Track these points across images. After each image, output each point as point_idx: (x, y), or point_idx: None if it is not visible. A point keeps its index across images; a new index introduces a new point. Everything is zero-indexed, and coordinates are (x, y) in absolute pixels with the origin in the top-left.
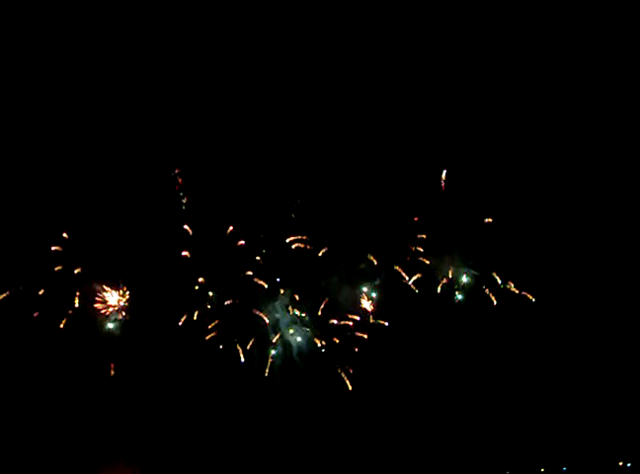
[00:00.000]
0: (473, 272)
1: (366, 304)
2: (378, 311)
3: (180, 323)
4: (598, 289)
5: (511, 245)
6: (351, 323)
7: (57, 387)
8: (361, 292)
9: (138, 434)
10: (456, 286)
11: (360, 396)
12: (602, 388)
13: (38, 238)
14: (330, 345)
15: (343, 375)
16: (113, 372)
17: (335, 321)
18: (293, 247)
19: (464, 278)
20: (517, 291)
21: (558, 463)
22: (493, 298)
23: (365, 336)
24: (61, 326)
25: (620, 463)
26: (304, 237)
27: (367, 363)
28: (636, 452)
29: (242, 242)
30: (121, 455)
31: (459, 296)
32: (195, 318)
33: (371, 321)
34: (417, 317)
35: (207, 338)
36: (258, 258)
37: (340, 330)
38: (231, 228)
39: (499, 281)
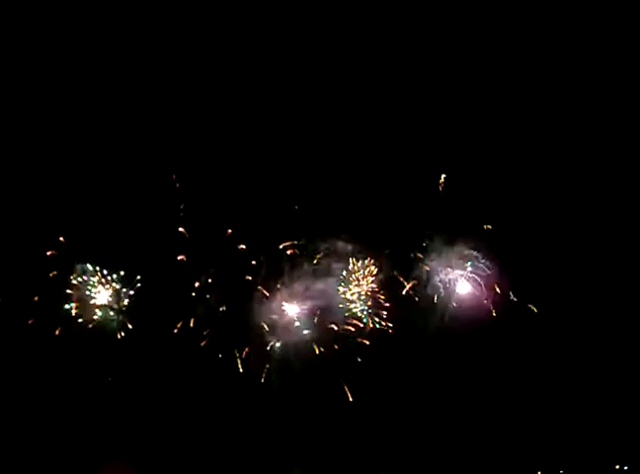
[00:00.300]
0: (472, 278)
1: (365, 311)
2: (376, 318)
3: (175, 330)
4: (601, 298)
5: (511, 252)
6: (353, 328)
7: (54, 392)
8: (359, 298)
9: (134, 442)
10: (454, 294)
11: (360, 406)
12: (600, 396)
13: (31, 243)
14: (328, 351)
15: (342, 383)
16: (110, 378)
17: (334, 327)
18: (289, 252)
19: (462, 286)
20: (515, 299)
21: (554, 468)
22: (492, 309)
23: (367, 342)
24: (57, 332)
25: (617, 466)
26: (301, 242)
27: (366, 372)
28: (633, 455)
29: (243, 246)
30: (118, 461)
31: (457, 304)
32: (191, 325)
33: (369, 328)
34: (415, 324)
35: (202, 344)
36: (254, 262)
37: (339, 336)
38: (229, 231)
39: (498, 291)
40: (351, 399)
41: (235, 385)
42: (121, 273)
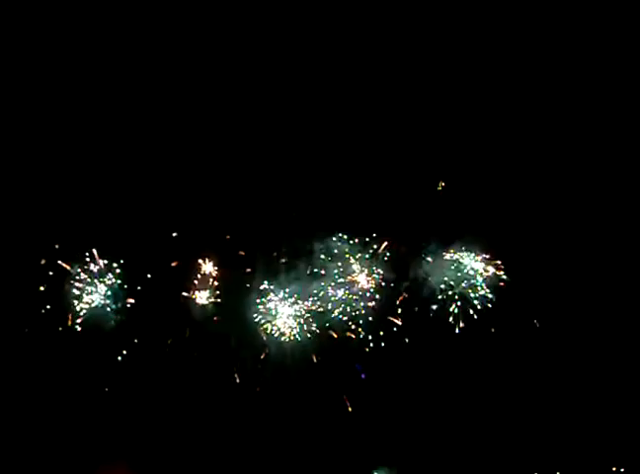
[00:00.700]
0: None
1: (361, 313)
2: (374, 320)
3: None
4: (602, 305)
5: (510, 255)
6: (352, 334)
7: (52, 397)
8: (356, 300)
9: (130, 447)
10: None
11: (360, 417)
12: (598, 399)
13: (26, 250)
14: (327, 359)
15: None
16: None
17: (332, 332)
18: (284, 260)
19: (460, 289)
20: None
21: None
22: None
23: (366, 348)
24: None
25: (614, 468)
26: (297, 244)
27: (365, 380)
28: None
29: (242, 253)
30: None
31: (455, 306)
32: (187, 334)
33: (367, 332)
34: (413, 327)
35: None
36: (249, 270)
37: (336, 342)
38: (228, 237)
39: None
40: (350, 409)
41: (231, 394)
42: (117, 272)
